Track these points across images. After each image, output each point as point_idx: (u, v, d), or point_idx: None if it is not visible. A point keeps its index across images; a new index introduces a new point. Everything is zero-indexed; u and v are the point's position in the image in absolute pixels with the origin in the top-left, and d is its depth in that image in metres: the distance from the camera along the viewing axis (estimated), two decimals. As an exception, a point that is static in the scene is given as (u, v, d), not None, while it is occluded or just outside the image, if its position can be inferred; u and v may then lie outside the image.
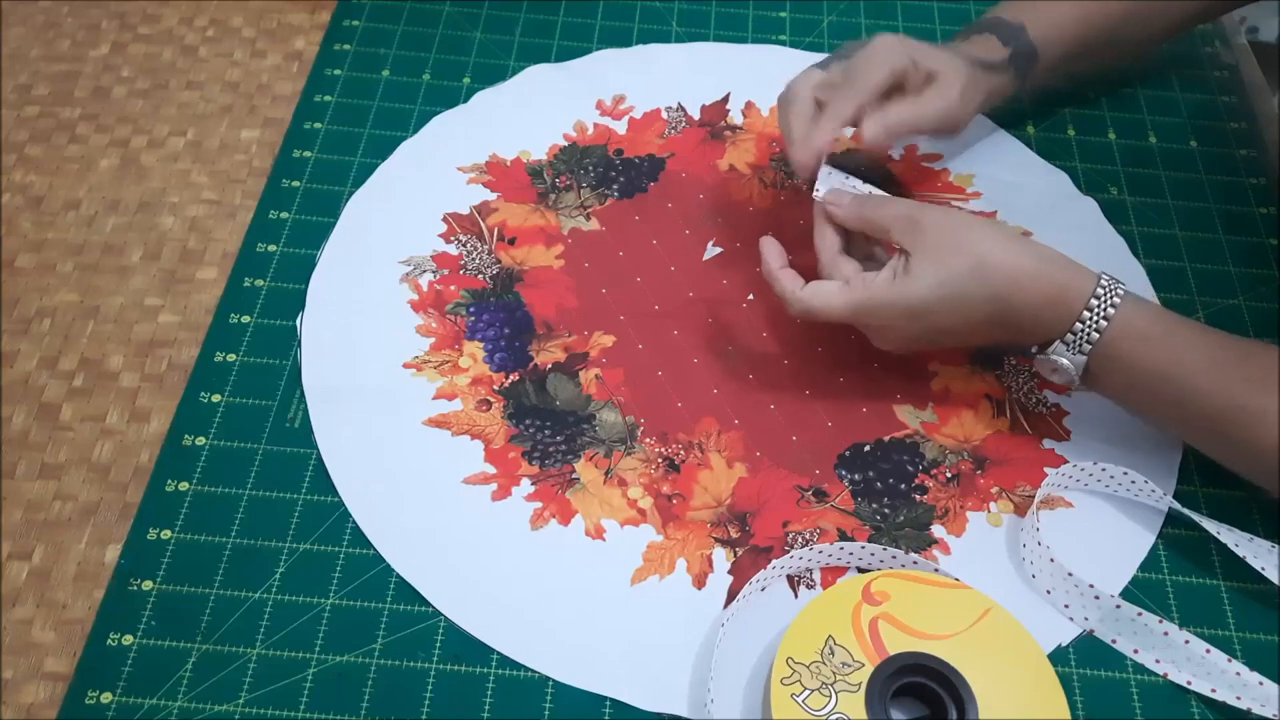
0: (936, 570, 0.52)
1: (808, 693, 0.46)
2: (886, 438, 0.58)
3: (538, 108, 0.72)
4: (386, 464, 0.56)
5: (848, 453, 0.58)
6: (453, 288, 0.62)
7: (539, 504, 0.55)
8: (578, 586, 0.53)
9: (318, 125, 0.70)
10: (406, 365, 0.59)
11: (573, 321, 0.62)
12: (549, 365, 0.60)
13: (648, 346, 0.61)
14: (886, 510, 0.56)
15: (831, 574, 0.54)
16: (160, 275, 0.63)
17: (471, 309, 0.61)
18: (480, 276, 0.63)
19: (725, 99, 0.73)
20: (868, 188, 0.59)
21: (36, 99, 0.71)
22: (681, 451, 0.57)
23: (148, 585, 0.52)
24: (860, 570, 0.54)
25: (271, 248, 0.64)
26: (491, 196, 0.67)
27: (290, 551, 0.53)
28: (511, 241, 0.65)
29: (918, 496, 0.56)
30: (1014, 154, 0.72)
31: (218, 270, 0.64)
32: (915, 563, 0.53)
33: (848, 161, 0.66)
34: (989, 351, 0.62)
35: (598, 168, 0.69)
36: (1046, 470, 0.57)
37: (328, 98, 0.72)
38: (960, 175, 0.70)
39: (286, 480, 0.55)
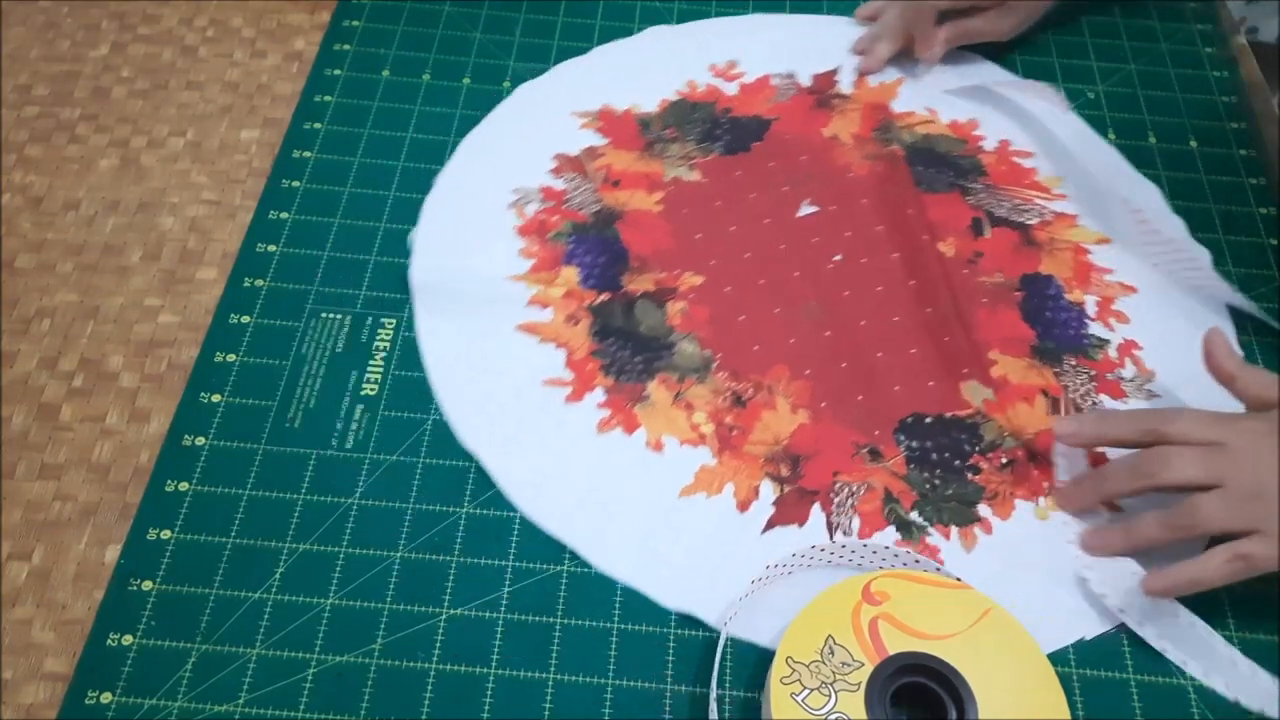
0: (938, 569, 0.52)
1: (807, 692, 0.46)
2: (949, 414, 0.59)
3: (653, 64, 0.75)
4: (475, 358, 0.60)
5: (909, 419, 0.59)
6: (555, 218, 0.66)
7: (608, 412, 0.58)
8: (628, 488, 0.56)
9: (318, 125, 0.70)
10: (507, 277, 0.63)
11: (666, 260, 0.65)
12: (639, 293, 0.63)
13: (734, 291, 0.63)
14: (937, 481, 0.57)
15: (869, 525, 0.55)
16: (160, 275, 0.63)
17: (571, 238, 0.65)
18: (583, 212, 0.66)
19: (835, 71, 0.75)
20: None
21: (36, 99, 0.72)
22: (750, 390, 0.59)
23: (148, 585, 0.52)
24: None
25: (271, 248, 0.64)
26: (601, 141, 0.70)
27: (290, 551, 0.53)
28: (616, 184, 0.68)
29: (970, 475, 0.57)
30: (1107, 161, 0.71)
31: (218, 270, 0.64)
32: (917, 562, 0.53)
33: (939, 146, 0.71)
34: None
35: (704, 124, 0.71)
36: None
37: (328, 98, 0.72)
38: (1049, 176, 0.70)
39: (286, 480, 0.55)
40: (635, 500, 0.55)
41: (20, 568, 0.53)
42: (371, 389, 0.59)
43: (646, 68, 0.75)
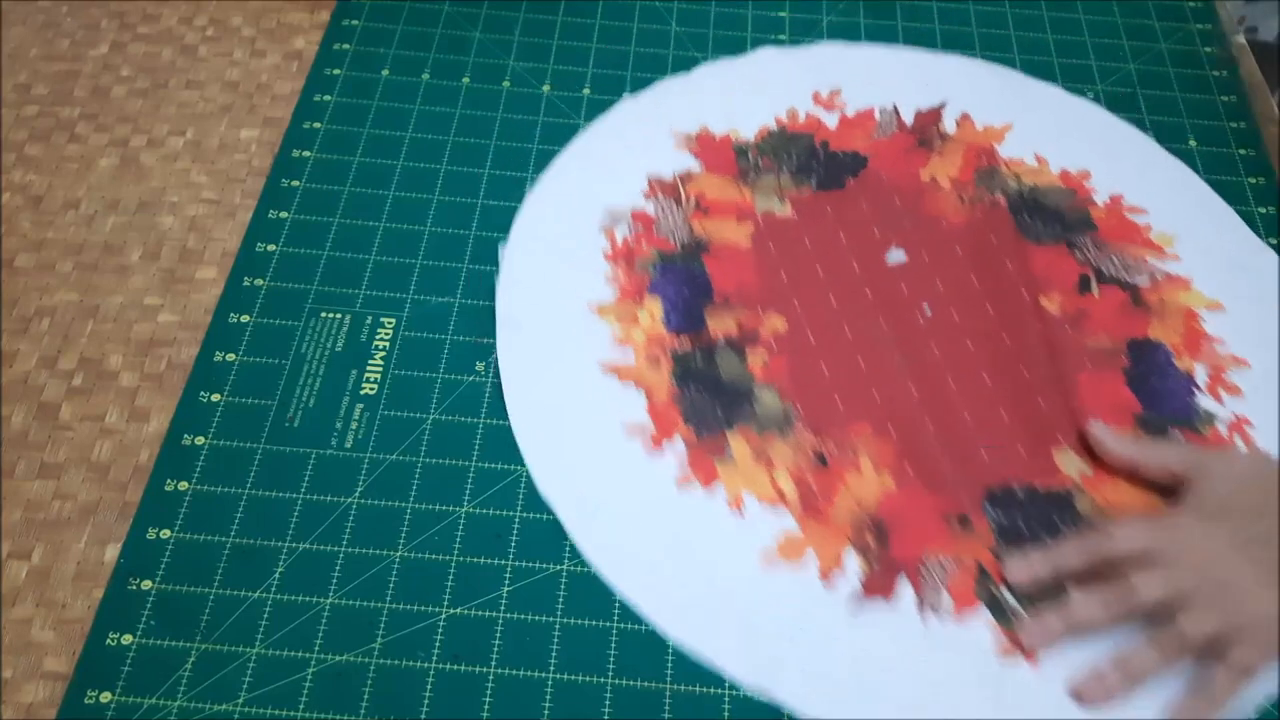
0: None
1: None
2: (1040, 486, 0.56)
3: (756, 89, 0.74)
4: (556, 397, 0.59)
5: (998, 490, 0.56)
6: (644, 245, 0.65)
7: (687, 466, 0.56)
8: (707, 551, 0.54)
9: (317, 125, 0.70)
10: (592, 309, 0.62)
11: (749, 298, 0.63)
12: (720, 337, 0.61)
13: (818, 339, 0.61)
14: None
15: (961, 602, 0.52)
16: (160, 275, 0.63)
17: (658, 267, 0.64)
18: (671, 239, 0.65)
19: (941, 108, 0.73)
20: None
21: (36, 98, 0.72)
22: (833, 449, 0.57)
23: (147, 585, 0.52)
24: None
25: (271, 247, 0.64)
26: (696, 166, 0.69)
27: (290, 551, 0.53)
28: (705, 211, 0.67)
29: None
30: (1225, 223, 0.69)
31: (217, 270, 0.64)
32: None
33: (1047, 198, 0.68)
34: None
35: (801, 156, 0.70)
36: None
37: (327, 97, 0.72)
38: (1161, 234, 0.67)
39: (286, 480, 0.55)
40: (714, 564, 0.53)
41: (20, 567, 0.53)
42: (371, 388, 0.59)
43: (750, 91, 0.73)
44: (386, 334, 0.61)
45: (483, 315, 0.62)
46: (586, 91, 0.74)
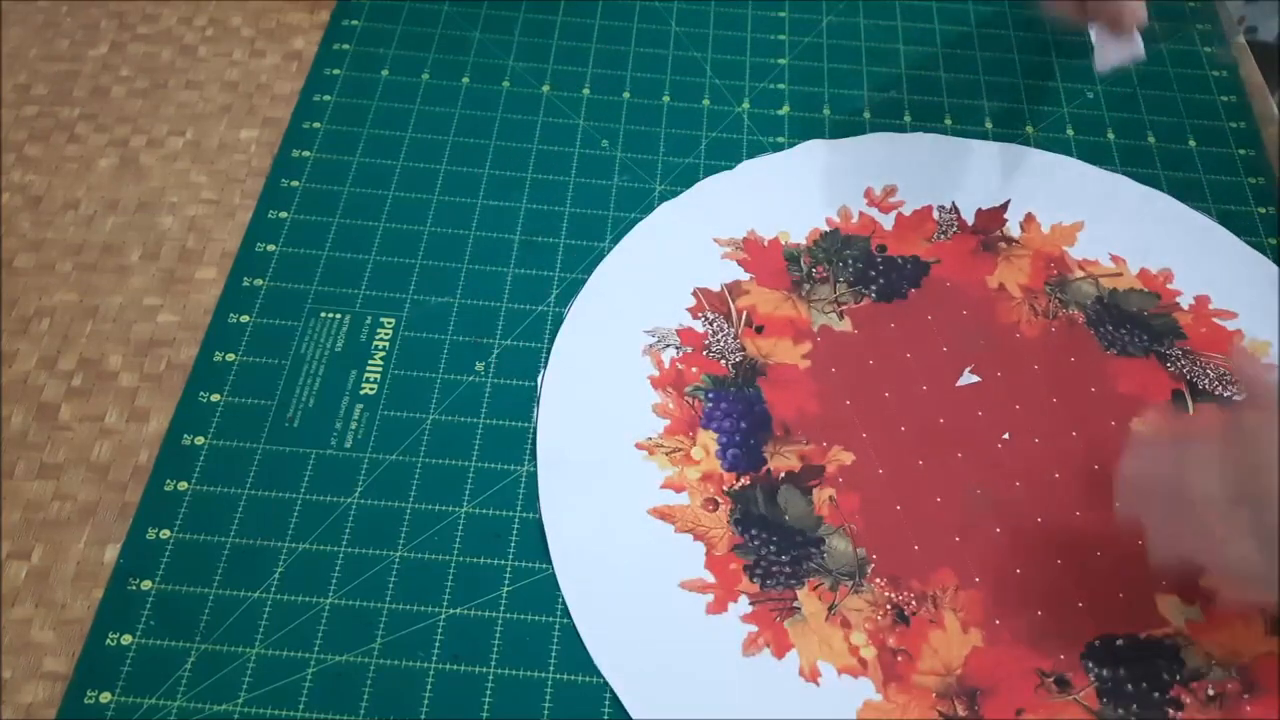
0: None
1: None
2: (1143, 634, 0.52)
3: (805, 186, 0.68)
4: (605, 547, 0.53)
5: (1098, 643, 0.52)
6: (694, 369, 0.60)
7: (754, 628, 0.51)
8: None
9: (317, 125, 0.70)
10: (639, 446, 0.57)
11: (812, 429, 0.58)
12: (782, 474, 0.56)
13: (888, 473, 0.57)
14: (1134, 719, 0.50)
15: None
16: (159, 275, 0.63)
17: (710, 395, 0.59)
18: (723, 362, 0.60)
19: (1004, 207, 0.68)
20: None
21: (35, 98, 0.71)
22: (913, 602, 0.52)
23: (147, 585, 0.52)
24: None
25: (270, 247, 0.64)
26: (744, 276, 0.64)
27: (289, 551, 0.53)
28: (759, 330, 0.61)
29: (1172, 711, 0.50)
30: None
31: (217, 270, 0.64)
32: None
33: (1129, 303, 0.64)
34: None
35: (857, 263, 0.65)
36: None
37: (327, 97, 0.72)
38: (1255, 341, 0.62)
39: (286, 480, 0.55)
40: None
41: (19, 567, 0.53)
42: (371, 388, 0.59)
43: (798, 189, 0.68)
44: (386, 334, 0.61)
45: (482, 315, 0.62)
46: (586, 91, 0.74)
